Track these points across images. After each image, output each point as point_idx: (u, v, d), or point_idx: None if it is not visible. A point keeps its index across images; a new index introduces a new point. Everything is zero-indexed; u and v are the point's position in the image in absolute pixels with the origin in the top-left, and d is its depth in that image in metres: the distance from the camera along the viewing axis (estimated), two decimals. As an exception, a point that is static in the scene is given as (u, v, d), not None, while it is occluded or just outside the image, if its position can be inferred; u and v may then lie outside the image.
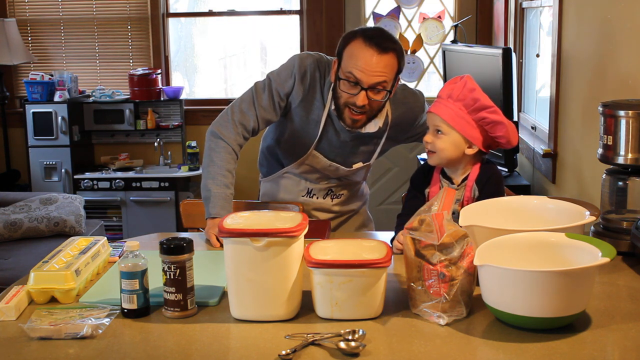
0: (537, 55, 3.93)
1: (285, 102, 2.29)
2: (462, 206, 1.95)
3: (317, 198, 2.45)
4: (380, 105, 2.18)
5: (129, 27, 5.44)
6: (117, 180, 5.06)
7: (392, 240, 2.02)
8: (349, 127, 2.21)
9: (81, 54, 5.50)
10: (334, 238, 2.10)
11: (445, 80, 4.34)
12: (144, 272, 1.61)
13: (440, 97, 1.98)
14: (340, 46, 2.18)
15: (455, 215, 1.98)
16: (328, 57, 2.33)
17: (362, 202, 2.60)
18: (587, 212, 1.76)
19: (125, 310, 1.61)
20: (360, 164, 2.37)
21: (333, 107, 2.23)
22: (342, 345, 1.42)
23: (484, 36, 5.07)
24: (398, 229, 2.03)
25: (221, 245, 2.09)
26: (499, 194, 1.94)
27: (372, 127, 2.24)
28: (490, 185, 1.96)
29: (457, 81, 1.97)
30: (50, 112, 5.07)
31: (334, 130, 2.30)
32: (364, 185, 2.60)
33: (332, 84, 2.21)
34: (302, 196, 2.45)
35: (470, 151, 1.96)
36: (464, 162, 1.99)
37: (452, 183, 2.01)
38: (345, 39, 2.17)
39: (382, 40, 2.11)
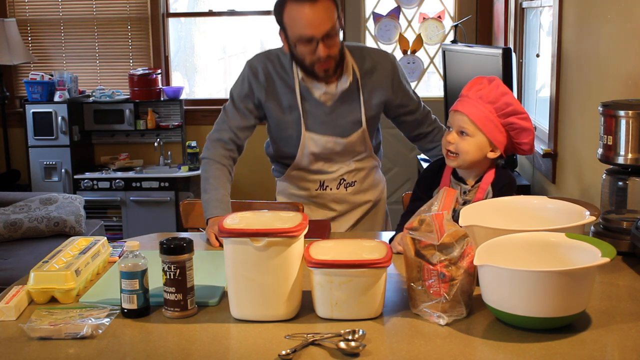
0: (537, 55, 3.93)
1: (252, 103, 2.38)
2: None
3: (331, 189, 2.46)
4: (340, 47, 2.25)
5: (129, 27, 5.44)
6: (117, 180, 5.06)
7: (390, 240, 2.02)
8: (324, 80, 2.29)
9: (81, 54, 5.51)
10: (334, 238, 2.10)
11: (445, 80, 4.34)
12: (144, 272, 1.61)
13: (467, 96, 1.92)
14: (277, 18, 2.29)
15: (456, 215, 1.97)
16: (276, 48, 2.45)
17: (379, 192, 2.58)
18: (587, 212, 1.75)
19: (125, 310, 1.61)
20: (356, 132, 2.38)
21: (301, 75, 2.31)
22: (342, 345, 1.42)
23: (484, 36, 5.07)
24: (399, 228, 2.02)
25: (220, 245, 2.11)
26: None
27: (343, 84, 2.32)
28: (506, 192, 1.93)
29: (484, 82, 1.91)
30: (50, 112, 5.08)
31: (312, 105, 2.35)
32: (379, 174, 2.59)
33: (290, 55, 2.31)
34: (316, 190, 2.46)
35: (492, 155, 1.92)
36: (482, 166, 1.95)
37: (465, 184, 1.98)
38: (277, 9, 2.26)
39: None
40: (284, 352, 1.39)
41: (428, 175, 2.06)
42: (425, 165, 3.40)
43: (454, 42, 4.64)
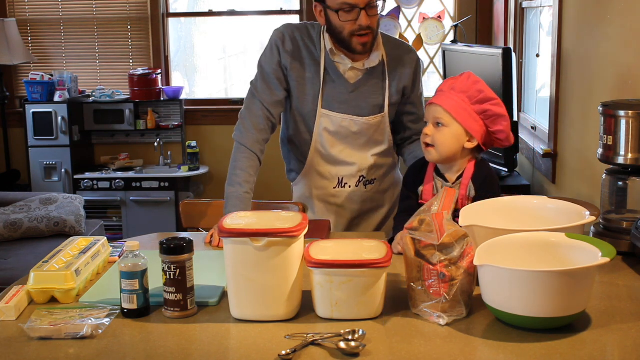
0: (537, 55, 3.93)
1: (282, 71, 2.35)
2: (457, 205, 1.94)
3: (350, 187, 2.41)
4: (377, 20, 2.27)
5: (129, 27, 5.44)
6: (117, 180, 5.06)
7: (390, 241, 2.02)
8: (360, 53, 2.26)
9: (81, 54, 5.51)
10: (334, 238, 2.10)
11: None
12: (144, 272, 1.61)
13: (441, 90, 1.95)
14: None
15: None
16: (304, 22, 2.44)
17: (399, 193, 2.50)
18: (587, 212, 1.76)
19: (125, 310, 1.61)
20: (375, 115, 2.35)
21: (330, 46, 2.29)
22: (342, 345, 1.42)
23: (484, 36, 5.07)
24: (396, 230, 2.02)
25: (210, 243, 2.12)
26: (496, 194, 1.93)
27: (373, 61, 2.31)
28: (487, 186, 1.94)
29: (456, 77, 1.95)
30: (50, 112, 5.08)
31: (335, 81, 2.32)
32: (398, 174, 2.54)
33: (325, 27, 2.29)
34: (334, 187, 2.41)
35: (469, 145, 1.93)
36: (461, 158, 1.96)
37: (446, 181, 1.99)
38: None
39: None
40: (284, 352, 1.39)
41: (412, 174, 2.08)
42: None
43: (454, 42, 4.64)
